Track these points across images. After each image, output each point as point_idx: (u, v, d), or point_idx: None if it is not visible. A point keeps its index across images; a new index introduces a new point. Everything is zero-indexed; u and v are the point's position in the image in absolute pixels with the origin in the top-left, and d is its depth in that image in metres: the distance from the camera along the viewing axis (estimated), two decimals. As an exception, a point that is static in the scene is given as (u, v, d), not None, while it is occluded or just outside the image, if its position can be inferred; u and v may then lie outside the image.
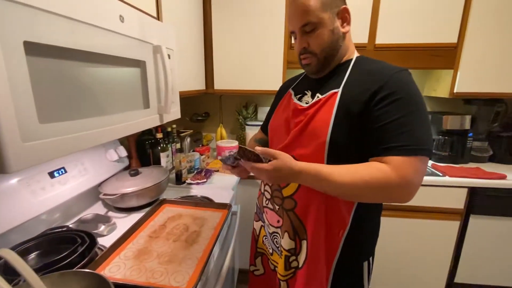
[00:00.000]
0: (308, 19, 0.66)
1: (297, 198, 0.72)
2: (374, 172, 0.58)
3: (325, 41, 0.68)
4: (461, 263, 1.52)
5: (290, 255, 0.75)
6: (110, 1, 0.65)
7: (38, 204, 0.81)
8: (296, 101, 0.76)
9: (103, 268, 0.70)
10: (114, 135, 0.69)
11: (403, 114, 0.58)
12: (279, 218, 0.77)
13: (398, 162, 0.57)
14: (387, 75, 0.62)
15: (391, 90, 0.60)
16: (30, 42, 0.46)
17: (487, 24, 1.44)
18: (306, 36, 0.69)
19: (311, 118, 0.68)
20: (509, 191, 1.39)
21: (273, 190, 0.78)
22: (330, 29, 0.67)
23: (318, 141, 0.65)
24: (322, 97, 0.69)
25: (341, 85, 0.67)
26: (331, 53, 0.70)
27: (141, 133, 1.40)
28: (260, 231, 0.89)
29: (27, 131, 0.46)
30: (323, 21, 0.66)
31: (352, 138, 0.63)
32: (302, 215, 0.71)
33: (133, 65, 0.77)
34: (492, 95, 1.53)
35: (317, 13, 0.66)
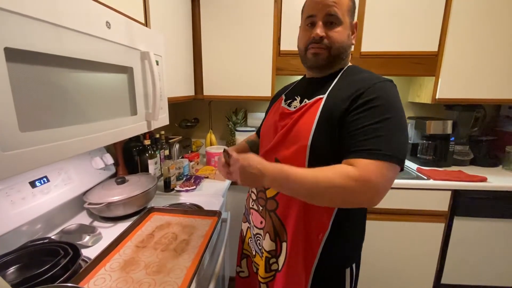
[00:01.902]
0: (336, 11, 0.68)
1: (278, 199, 0.72)
2: (337, 172, 0.57)
3: (342, 40, 0.70)
4: (447, 264, 1.55)
5: (271, 257, 0.75)
6: (96, 7, 0.64)
7: (18, 215, 0.77)
8: (284, 106, 0.79)
9: (88, 281, 0.67)
10: (99, 142, 0.68)
11: (378, 120, 0.58)
12: (262, 219, 0.78)
13: (363, 164, 0.56)
14: (369, 84, 0.63)
15: (370, 97, 0.60)
16: (11, 48, 0.44)
17: (465, 33, 1.51)
18: (326, 28, 0.69)
19: (295, 122, 0.70)
20: (490, 193, 1.45)
21: (258, 191, 0.79)
22: (348, 33, 0.71)
23: (300, 144, 0.66)
24: (308, 102, 0.71)
25: (327, 91, 0.69)
26: (341, 55, 0.72)
27: (129, 140, 1.37)
28: (247, 233, 0.90)
29: (7, 140, 0.44)
30: (345, 22, 0.70)
31: (332, 142, 0.64)
32: (283, 216, 0.72)
33: (120, 71, 0.76)
34: (471, 100, 1.60)
35: (344, 12, 0.69)
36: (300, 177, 0.58)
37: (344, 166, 0.59)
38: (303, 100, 0.73)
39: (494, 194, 1.44)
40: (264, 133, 0.85)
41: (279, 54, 1.63)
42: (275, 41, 1.60)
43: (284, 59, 1.64)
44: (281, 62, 1.64)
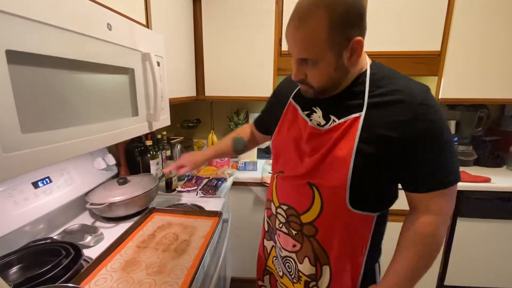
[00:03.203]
0: (308, 55, 0.57)
1: (318, 225, 0.67)
2: (429, 237, 0.61)
3: (325, 78, 0.60)
4: (450, 265, 1.54)
5: (311, 281, 0.72)
6: (97, 9, 0.65)
7: (21, 215, 0.78)
8: (307, 120, 0.68)
9: (89, 281, 0.68)
10: (101, 143, 0.68)
11: (437, 150, 0.57)
12: (296, 243, 0.72)
13: (436, 201, 0.60)
14: (416, 104, 0.56)
15: (424, 125, 0.56)
16: (12, 51, 0.45)
17: (468, 33, 1.50)
18: (304, 67, 0.60)
19: (332, 147, 0.62)
20: (494, 193, 1.43)
21: (289, 215, 0.72)
22: (334, 67, 0.58)
23: (341, 172, 0.60)
24: (340, 121, 0.62)
25: (363, 109, 0.60)
26: (332, 86, 0.63)
27: (130, 141, 1.38)
28: (271, 251, 0.84)
29: (9, 142, 0.45)
30: (325, 59, 0.56)
31: (377, 170, 0.60)
32: (325, 241, 0.68)
33: (121, 73, 0.77)
34: (474, 100, 1.59)
35: (321, 51, 0.55)
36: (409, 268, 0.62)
37: (424, 226, 0.61)
38: (329, 117, 0.64)
39: (498, 195, 1.43)
40: (282, 148, 0.75)
41: (281, 55, 1.63)
42: (277, 41, 1.60)
43: (285, 60, 1.63)
44: (283, 63, 1.64)
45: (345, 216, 0.64)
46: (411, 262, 0.62)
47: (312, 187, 0.66)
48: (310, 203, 0.67)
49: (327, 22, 0.52)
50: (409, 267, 0.62)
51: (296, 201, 0.70)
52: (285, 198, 0.73)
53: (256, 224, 1.62)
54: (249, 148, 1.04)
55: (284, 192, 0.74)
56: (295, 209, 0.70)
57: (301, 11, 0.54)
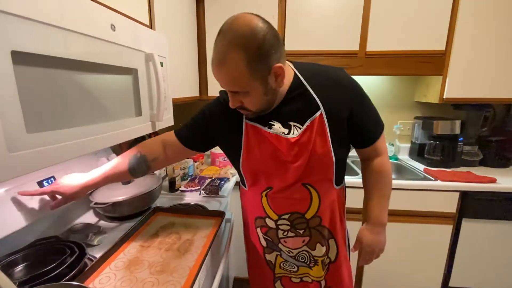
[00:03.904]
0: (237, 88, 0.64)
1: (320, 214, 0.79)
2: (386, 172, 0.81)
3: (260, 102, 0.67)
4: (455, 266, 1.52)
5: (324, 257, 0.85)
6: (101, 10, 0.65)
7: (26, 214, 0.79)
8: (278, 133, 0.72)
9: (93, 279, 0.68)
10: (105, 143, 0.69)
11: (367, 111, 0.76)
12: (305, 238, 0.82)
13: (382, 143, 0.80)
14: (346, 82, 0.73)
15: (356, 94, 0.74)
16: (18, 51, 0.45)
17: (474, 32, 1.48)
18: (238, 96, 0.66)
19: (311, 147, 0.70)
20: (500, 194, 1.41)
21: (293, 220, 0.79)
22: (263, 92, 0.65)
23: (328, 164, 0.73)
24: (308, 123, 0.70)
25: (319, 106, 0.70)
26: (268, 106, 0.70)
27: (134, 141, 1.38)
28: (276, 260, 0.88)
29: (14, 141, 0.45)
30: (254, 88, 0.63)
31: (345, 145, 0.77)
32: (328, 222, 0.81)
33: (125, 73, 0.77)
34: (480, 100, 1.57)
35: (247, 83, 0.62)
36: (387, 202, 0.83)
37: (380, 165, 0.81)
38: (288, 124, 0.71)
39: (504, 196, 1.41)
40: (259, 168, 0.76)
41: (284, 55, 1.63)
42: (280, 41, 1.60)
43: (288, 59, 1.63)
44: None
45: (334, 194, 0.80)
46: (384, 192, 0.82)
47: (306, 187, 0.75)
48: (309, 200, 0.77)
49: (244, 59, 0.58)
50: (384, 196, 0.82)
51: (297, 205, 0.77)
52: (284, 209, 0.78)
53: (259, 224, 1.61)
54: (156, 168, 0.87)
55: (281, 204, 0.78)
56: (299, 212, 0.78)
57: (219, 53, 0.60)
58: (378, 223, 0.82)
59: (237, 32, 0.58)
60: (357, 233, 0.87)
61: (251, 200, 0.84)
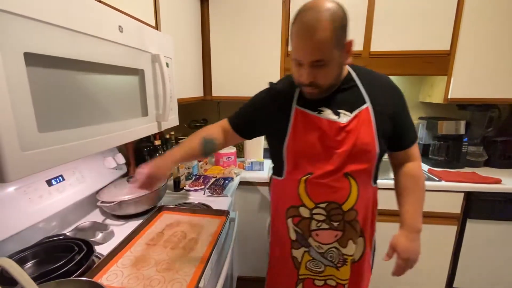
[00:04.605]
0: (322, 56, 0.66)
1: (357, 207, 0.79)
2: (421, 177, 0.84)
3: (332, 75, 0.72)
4: (459, 267, 1.52)
5: (352, 257, 0.84)
6: (109, 12, 0.66)
7: (36, 212, 0.81)
8: (328, 118, 0.76)
9: (100, 276, 0.69)
10: (112, 142, 0.70)
11: (407, 116, 0.83)
12: (338, 232, 0.81)
13: (416, 150, 0.85)
14: (394, 88, 0.80)
15: (402, 102, 0.81)
16: (30, 53, 0.47)
17: (478, 32, 1.48)
18: (315, 70, 0.69)
19: (357, 134, 0.75)
20: (505, 195, 1.40)
21: (330, 210, 0.79)
22: (338, 64, 0.71)
23: (371, 154, 0.76)
24: (356, 113, 0.76)
25: (366, 100, 0.77)
26: (334, 83, 0.76)
27: (139, 140, 1.40)
28: (303, 258, 0.86)
29: (26, 141, 0.47)
30: (333, 58, 0.68)
31: (387, 141, 0.80)
32: (362, 218, 0.82)
33: (132, 74, 0.79)
34: (485, 100, 1.56)
35: (330, 51, 0.66)
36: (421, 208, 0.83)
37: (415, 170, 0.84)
38: (337, 112, 0.77)
39: (509, 196, 1.40)
40: (302, 152, 0.79)
41: (288, 55, 1.64)
42: (283, 42, 1.61)
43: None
44: (290, 63, 1.63)
45: (370, 191, 0.82)
46: (419, 197, 0.83)
47: (348, 177, 0.77)
48: (348, 191, 0.78)
49: (332, 29, 0.64)
50: (419, 201, 0.83)
51: (336, 195, 0.78)
52: (322, 197, 0.79)
53: (262, 223, 1.62)
54: (218, 150, 0.97)
55: (320, 191, 0.79)
56: (336, 202, 0.78)
57: (309, 23, 0.65)
58: (413, 229, 0.81)
59: (325, 6, 0.65)
60: (391, 240, 0.83)
61: (286, 188, 0.84)
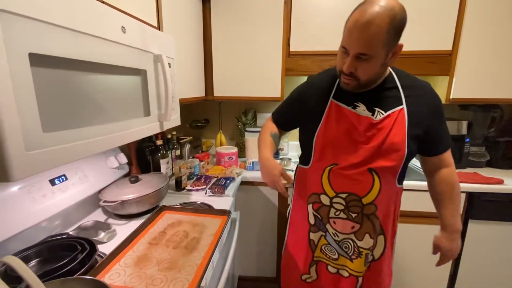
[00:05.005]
0: (368, 51, 0.69)
1: (377, 203, 0.81)
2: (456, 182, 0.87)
3: (373, 72, 0.74)
4: (461, 268, 1.51)
5: (369, 252, 0.86)
6: (112, 13, 0.67)
7: (39, 211, 0.81)
8: (361, 113, 0.80)
9: (103, 275, 0.70)
10: (115, 142, 0.70)
11: (443, 123, 0.84)
12: (355, 224, 0.84)
13: (449, 156, 0.87)
14: (434, 95, 0.81)
15: (440, 110, 0.82)
16: (35, 54, 0.47)
17: (481, 31, 1.47)
18: (357, 61, 0.72)
19: (387, 132, 0.77)
20: (507, 196, 1.40)
21: (349, 201, 0.82)
22: (382, 63, 0.73)
23: (399, 154, 0.77)
24: (390, 112, 0.78)
25: (402, 102, 0.79)
26: (373, 80, 0.78)
27: (141, 140, 1.41)
28: (319, 241, 0.91)
29: (31, 140, 0.47)
30: (379, 56, 0.70)
31: (418, 146, 0.81)
32: (382, 215, 0.83)
33: (134, 74, 0.79)
34: (487, 100, 1.55)
35: (378, 49, 0.68)
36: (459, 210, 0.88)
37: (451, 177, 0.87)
38: (373, 109, 0.80)
39: (511, 197, 1.40)
40: (331, 142, 0.83)
41: (289, 55, 1.64)
42: (285, 42, 1.61)
43: (293, 60, 1.64)
44: (291, 63, 1.64)
45: (394, 190, 0.83)
46: (456, 201, 0.87)
47: (372, 172, 0.79)
48: (370, 186, 0.80)
49: (387, 28, 0.65)
50: (456, 205, 0.87)
51: (357, 187, 0.81)
52: (343, 187, 0.82)
53: (263, 223, 1.63)
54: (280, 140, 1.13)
55: (342, 182, 0.82)
56: (357, 194, 0.81)
57: (370, 15, 0.65)
58: (453, 230, 0.87)
59: (390, 5, 0.65)
60: (433, 240, 0.91)
61: (311, 176, 0.89)
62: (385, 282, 0.90)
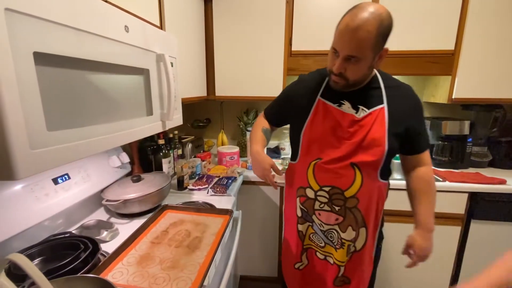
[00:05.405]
0: (357, 53, 0.73)
1: (359, 196, 0.85)
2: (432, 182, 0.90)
3: (361, 73, 0.80)
4: (463, 269, 1.51)
5: (351, 243, 0.90)
6: (116, 12, 0.67)
7: (42, 210, 0.82)
8: (345, 111, 0.85)
9: (106, 274, 0.70)
10: (118, 141, 0.70)
11: (422, 125, 0.88)
12: (339, 216, 0.88)
13: (427, 157, 0.90)
14: (414, 97, 0.87)
15: (420, 111, 0.87)
16: (39, 52, 0.47)
17: (483, 31, 1.47)
18: (347, 63, 0.77)
19: (368, 129, 0.81)
20: (509, 196, 1.39)
21: (332, 194, 0.87)
22: (369, 65, 0.78)
23: (379, 149, 0.81)
24: (371, 110, 0.83)
25: (383, 101, 0.84)
26: (360, 80, 0.83)
27: (143, 140, 1.41)
28: (307, 231, 0.96)
29: (36, 139, 0.47)
30: (367, 58, 0.75)
31: (399, 143, 0.85)
32: (364, 208, 0.86)
33: (137, 73, 0.79)
34: (490, 100, 1.55)
35: (367, 52, 0.73)
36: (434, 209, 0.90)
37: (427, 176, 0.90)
38: (357, 107, 0.84)
39: (514, 197, 1.39)
40: (316, 139, 0.88)
41: (291, 55, 1.64)
42: (287, 41, 1.61)
43: (295, 60, 1.64)
44: (293, 63, 1.64)
45: (376, 185, 0.86)
46: (432, 199, 0.89)
47: (353, 167, 0.83)
48: (352, 180, 0.84)
49: (376, 32, 0.71)
50: (431, 203, 0.89)
51: (340, 181, 0.85)
52: (327, 181, 0.86)
53: (265, 223, 1.63)
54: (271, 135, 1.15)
55: (325, 176, 0.86)
56: (339, 188, 0.85)
57: (360, 21, 0.70)
58: (427, 230, 0.88)
59: (378, 11, 0.71)
60: (407, 240, 0.92)
61: (298, 171, 0.93)
62: (365, 272, 0.94)
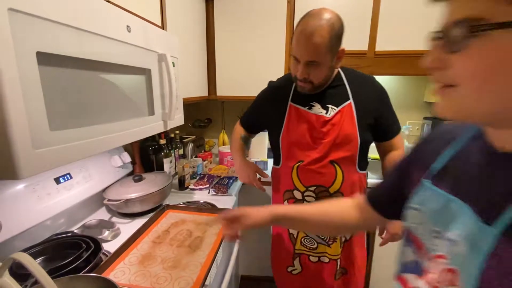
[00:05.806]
0: (316, 58, 0.79)
1: (343, 190, 0.89)
2: None
3: (323, 75, 0.85)
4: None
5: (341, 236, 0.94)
6: (118, 12, 0.67)
7: (44, 209, 0.82)
8: (315, 113, 0.89)
9: (108, 273, 0.70)
10: (120, 141, 0.71)
11: (390, 112, 0.92)
12: None
13: (399, 141, 0.94)
14: (377, 86, 0.92)
15: (385, 99, 0.92)
16: (42, 52, 0.47)
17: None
18: (308, 68, 0.82)
19: (340, 126, 0.86)
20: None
21: (318, 192, 0.90)
22: (329, 66, 0.83)
23: (353, 144, 0.87)
24: (340, 108, 0.88)
25: (349, 97, 0.88)
26: (324, 82, 0.88)
27: (145, 139, 1.41)
28: (298, 234, 0.98)
29: (38, 139, 0.47)
30: (326, 61, 0.80)
31: (371, 133, 0.90)
32: None
33: (139, 73, 0.79)
34: (492, 100, 1.54)
35: (324, 55, 0.78)
36: None
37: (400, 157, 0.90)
38: (327, 106, 0.89)
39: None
40: (294, 143, 0.92)
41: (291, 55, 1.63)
42: (288, 41, 1.61)
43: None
44: (294, 62, 1.64)
45: (356, 176, 0.91)
46: None
47: (333, 164, 0.88)
48: (334, 176, 0.88)
49: (330, 36, 0.76)
50: None
51: (323, 179, 0.89)
52: (311, 181, 0.90)
53: (266, 223, 1.62)
54: (250, 141, 1.20)
55: (309, 176, 0.90)
56: (324, 185, 0.89)
57: (313, 27, 0.76)
58: None
59: (327, 16, 0.76)
60: None
61: (282, 175, 0.97)
62: (359, 255, 0.98)
